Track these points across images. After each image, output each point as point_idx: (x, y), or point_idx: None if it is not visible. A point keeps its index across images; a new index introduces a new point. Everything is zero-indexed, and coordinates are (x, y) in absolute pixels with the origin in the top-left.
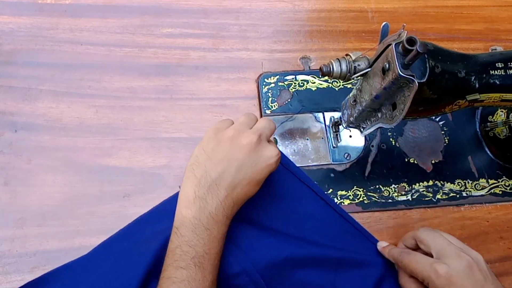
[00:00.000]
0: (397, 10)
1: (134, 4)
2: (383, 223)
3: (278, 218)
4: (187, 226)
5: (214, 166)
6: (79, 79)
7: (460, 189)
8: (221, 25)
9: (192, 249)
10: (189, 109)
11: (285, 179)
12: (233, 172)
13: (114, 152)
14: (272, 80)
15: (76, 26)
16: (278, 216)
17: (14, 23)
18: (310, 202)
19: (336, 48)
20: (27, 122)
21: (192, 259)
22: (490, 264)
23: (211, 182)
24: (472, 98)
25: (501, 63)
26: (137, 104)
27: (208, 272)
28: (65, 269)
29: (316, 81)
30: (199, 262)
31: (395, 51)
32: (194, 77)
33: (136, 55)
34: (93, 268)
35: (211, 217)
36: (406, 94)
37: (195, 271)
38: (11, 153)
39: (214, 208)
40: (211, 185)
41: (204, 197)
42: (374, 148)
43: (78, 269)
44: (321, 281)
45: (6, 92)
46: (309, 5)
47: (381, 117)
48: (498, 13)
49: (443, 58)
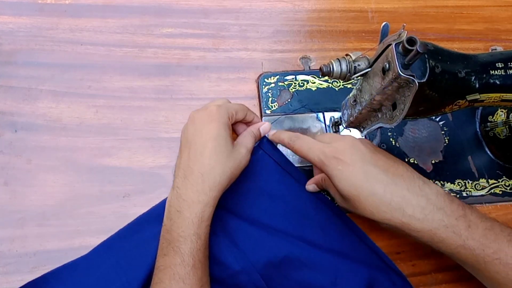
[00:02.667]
0: (397, 10)
1: (134, 4)
2: None
3: (277, 217)
4: (166, 214)
5: (184, 148)
6: (79, 79)
7: (460, 189)
8: (221, 25)
9: (169, 234)
10: (189, 109)
11: (284, 179)
12: (197, 148)
13: (114, 152)
14: (272, 80)
15: (76, 26)
16: (277, 215)
17: (14, 23)
18: (307, 201)
19: (336, 48)
20: (27, 122)
21: (170, 244)
22: None
23: (182, 165)
24: (472, 98)
25: (501, 63)
26: (137, 104)
27: (187, 256)
28: (65, 268)
29: (316, 81)
30: (176, 246)
31: (395, 51)
32: (194, 77)
33: (136, 55)
34: (93, 268)
35: (181, 199)
36: (406, 94)
37: (174, 256)
38: (11, 153)
39: (182, 188)
40: (180, 169)
41: (177, 184)
42: None
43: (78, 269)
44: (321, 282)
45: (6, 92)
46: (309, 5)
47: (381, 117)
48: (498, 13)
49: (443, 58)
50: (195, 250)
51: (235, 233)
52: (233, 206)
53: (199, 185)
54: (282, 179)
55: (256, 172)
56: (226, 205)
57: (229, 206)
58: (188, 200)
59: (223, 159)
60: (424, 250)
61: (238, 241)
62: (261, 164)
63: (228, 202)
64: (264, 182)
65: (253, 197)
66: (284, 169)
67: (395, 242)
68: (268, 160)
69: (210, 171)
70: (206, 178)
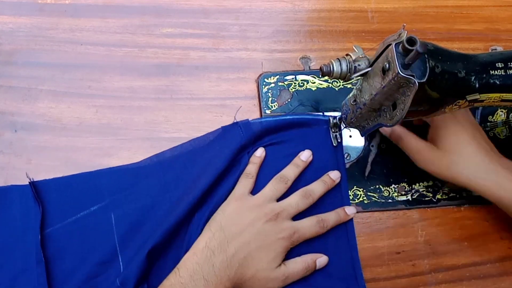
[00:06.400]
0: (397, 10)
1: (134, 4)
2: (383, 223)
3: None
4: (187, 269)
5: (230, 225)
6: (79, 79)
7: (460, 189)
8: (221, 25)
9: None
10: (189, 109)
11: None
12: (245, 236)
13: (114, 152)
14: (272, 80)
15: (76, 26)
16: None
17: (14, 23)
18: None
19: (336, 48)
20: (27, 122)
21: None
22: (490, 264)
23: (223, 238)
24: (472, 98)
25: (501, 63)
26: (137, 104)
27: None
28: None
29: (316, 81)
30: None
31: (395, 51)
32: (194, 77)
33: (136, 55)
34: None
35: (213, 269)
36: (406, 94)
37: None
38: (11, 153)
39: (219, 262)
40: (222, 240)
41: (213, 249)
42: (374, 148)
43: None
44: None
45: (6, 92)
46: (309, 5)
47: (381, 117)
48: (498, 13)
49: (443, 58)
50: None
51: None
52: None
53: (233, 269)
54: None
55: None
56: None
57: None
58: (219, 277)
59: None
60: (424, 250)
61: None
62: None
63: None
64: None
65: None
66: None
67: (395, 242)
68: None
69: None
70: (241, 268)
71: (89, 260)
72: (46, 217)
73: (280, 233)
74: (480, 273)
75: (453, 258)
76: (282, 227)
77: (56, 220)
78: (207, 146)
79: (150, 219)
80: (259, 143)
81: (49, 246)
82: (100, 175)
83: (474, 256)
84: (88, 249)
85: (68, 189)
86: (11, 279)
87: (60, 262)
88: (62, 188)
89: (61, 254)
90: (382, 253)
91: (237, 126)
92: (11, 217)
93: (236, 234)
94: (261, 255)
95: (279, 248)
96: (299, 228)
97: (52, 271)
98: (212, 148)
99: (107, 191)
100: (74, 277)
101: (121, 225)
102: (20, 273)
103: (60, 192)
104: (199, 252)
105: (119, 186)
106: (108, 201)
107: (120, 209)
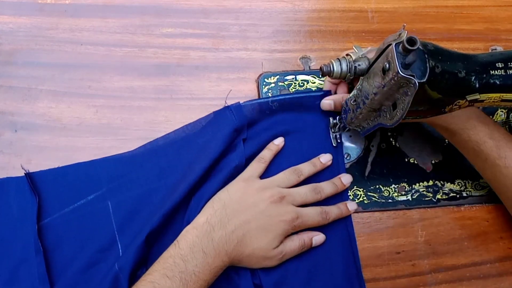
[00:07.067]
0: (397, 10)
1: (134, 4)
2: (383, 223)
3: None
4: (187, 241)
5: (233, 203)
6: (79, 79)
7: (460, 189)
8: (221, 25)
9: (184, 264)
10: (189, 109)
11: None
12: (247, 215)
13: (114, 152)
14: (272, 80)
15: (76, 26)
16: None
17: (14, 23)
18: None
19: (336, 48)
20: (27, 122)
21: (180, 273)
22: (490, 264)
23: (225, 215)
24: (472, 98)
25: (501, 63)
26: (137, 104)
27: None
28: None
29: (316, 81)
30: (185, 278)
31: (395, 51)
32: (194, 77)
33: (136, 55)
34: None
35: (212, 243)
36: (407, 94)
37: (178, 284)
38: (11, 153)
39: (218, 237)
40: (223, 217)
41: (213, 225)
42: (374, 148)
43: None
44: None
45: (6, 92)
46: (309, 5)
47: (381, 117)
48: (498, 13)
49: (443, 58)
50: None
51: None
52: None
53: (231, 245)
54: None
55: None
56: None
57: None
58: (217, 251)
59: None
60: (424, 250)
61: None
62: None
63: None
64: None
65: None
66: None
67: (395, 242)
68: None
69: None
70: (239, 245)
71: (88, 248)
72: (43, 208)
73: (283, 215)
74: (480, 273)
75: (453, 258)
76: (286, 210)
77: (54, 210)
78: (199, 132)
79: (147, 205)
80: (254, 127)
81: (48, 235)
82: (95, 164)
83: (474, 256)
84: (87, 237)
85: (64, 179)
86: (11, 269)
87: (59, 251)
88: (58, 179)
89: (60, 243)
90: (382, 253)
91: (229, 110)
92: (8, 208)
93: (237, 212)
94: (261, 234)
95: (279, 230)
96: (303, 214)
97: (52, 260)
98: (205, 133)
99: (103, 180)
100: (74, 265)
101: (119, 213)
102: (20, 263)
103: (56, 182)
104: (200, 226)
105: (115, 174)
106: (105, 189)
107: (117, 197)
